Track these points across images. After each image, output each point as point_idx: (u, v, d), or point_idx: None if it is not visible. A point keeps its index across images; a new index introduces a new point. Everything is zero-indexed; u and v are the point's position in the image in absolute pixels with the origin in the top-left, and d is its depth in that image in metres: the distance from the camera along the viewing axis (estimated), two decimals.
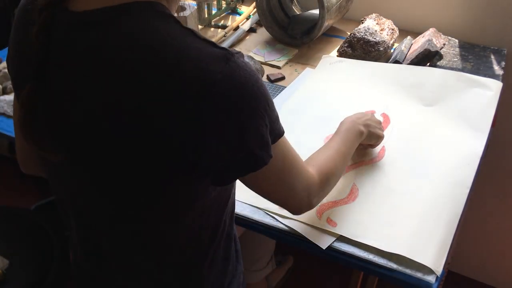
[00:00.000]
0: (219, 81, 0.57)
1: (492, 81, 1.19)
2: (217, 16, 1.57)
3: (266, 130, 0.63)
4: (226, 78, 0.58)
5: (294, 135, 1.08)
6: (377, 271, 0.85)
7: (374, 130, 0.98)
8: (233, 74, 0.58)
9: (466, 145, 1.05)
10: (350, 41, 1.33)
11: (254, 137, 0.62)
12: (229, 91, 0.58)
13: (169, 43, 0.58)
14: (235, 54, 0.60)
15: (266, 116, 0.62)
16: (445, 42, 1.37)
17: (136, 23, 0.59)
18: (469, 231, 1.68)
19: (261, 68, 1.26)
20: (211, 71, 0.57)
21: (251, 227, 0.93)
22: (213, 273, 0.78)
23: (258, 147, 0.62)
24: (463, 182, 0.97)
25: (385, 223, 0.90)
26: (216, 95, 0.57)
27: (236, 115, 0.59)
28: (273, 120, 0.64)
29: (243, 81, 0.59)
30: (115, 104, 0.59)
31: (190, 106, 0.57)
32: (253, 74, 0.61)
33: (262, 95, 0.62)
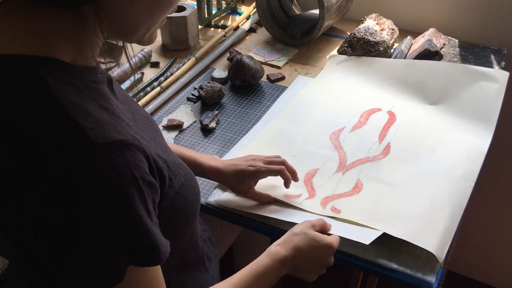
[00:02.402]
0: (57, 177, 0.50)
1: (498, 71, 1.20)
2: (217, 16, 1.56)
3: (115, 246, 0.53)
4: (67, 175, 0.50)
5: (302, 135, 1.09)
6: (377, 271, 0.85)
7: (304, 274, 0.80)
8: (79, 171, 0.50)
9: (472, 141, 1.05)
10: (350, 41, 1.33)
11: (91, 253, 0.53)
12: (66, 191, 0.50)
13: (12, 116, 0.51)
14: (101, 146, 0.51)
15: (125, 231, 0.53)
16: (445, 42, 1.37)
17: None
18: (469, 231, 1.68)
19: (261, 68, 1.26)
20: (53, 162, 0.50)
21: (250, 226, 0.93)
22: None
23: (95, 266, 0.54)
24: (468, 176, 0.97)
25: (389, 210, 0.91)
26: (50, 192, 0.51)
27: (72, 222, 0.51)
28: (138, 240, 0.55)
29: (90, 183, 0.51)
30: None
31: (20, 198, 0.51)
32: (116, 176, 0.52)
33: (122, 205, 0.52)
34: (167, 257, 0.59)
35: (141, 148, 0.56)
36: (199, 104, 1.22)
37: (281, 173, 0.92)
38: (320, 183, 0.98)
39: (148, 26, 0.61)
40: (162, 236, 0.59)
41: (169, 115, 1.17)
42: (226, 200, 0.95)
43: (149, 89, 1.24)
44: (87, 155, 0.51)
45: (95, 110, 0.55)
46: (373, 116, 1.15)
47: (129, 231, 0.54)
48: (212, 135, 1.12)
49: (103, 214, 0.52)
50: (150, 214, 0.57)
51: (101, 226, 0.52)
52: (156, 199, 0.60)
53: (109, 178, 0.51)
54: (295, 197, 0.94)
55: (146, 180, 0.56)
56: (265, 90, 1.26)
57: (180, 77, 1.29)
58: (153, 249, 0.57)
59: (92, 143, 0.51)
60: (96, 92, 0.58)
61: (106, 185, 0.51)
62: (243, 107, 1.21)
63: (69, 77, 0.55)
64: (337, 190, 0.96)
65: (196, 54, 1.36)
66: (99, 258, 0.53)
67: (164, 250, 0.59)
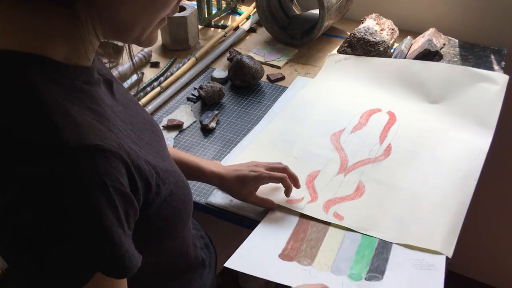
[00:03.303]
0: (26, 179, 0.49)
1: (498, 74, 1.20)
2: (217, 16, 1.56)
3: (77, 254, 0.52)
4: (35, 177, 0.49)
5: (302, 137, 1.09)
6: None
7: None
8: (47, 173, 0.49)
9: (473, 142, 1.05)
10: (350, 41, 1.32)
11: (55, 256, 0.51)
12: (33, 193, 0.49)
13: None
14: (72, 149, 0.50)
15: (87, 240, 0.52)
16: (445, 42, 1.37)
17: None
18: (469, 231, 1.68)
19: (261, 68, 1.26)
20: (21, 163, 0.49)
21: (251, 227, 0.93)
22: None
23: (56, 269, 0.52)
24: (469, 175, 0.97)
25: (392, 216, 0.91)
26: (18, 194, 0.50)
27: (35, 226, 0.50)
28: (100, 249, 0.53)
29: (56, 187, 0.50)
30: None
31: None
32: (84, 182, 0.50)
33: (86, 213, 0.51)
34: (133, 272, 0.56)
35: (119, 156, 0.54)
36: (199, 104, 1.22)
37: (283, 181, 0.92)
38: (321, 185, 0.98)
39: (143, 27, 0.59)
40: (133, 249, 0.57)
41: (169, 115, 1.17)
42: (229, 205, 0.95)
43: (149, 89, 1.24)
44: (56, 158, 0.49)
45: (78, 111, 0.54)
46: (373, 116, 1.15)
47: (92, 239, 0.52)
48: (212, 135, 1.12)
49: (66, 219, 0.50)
50: (122, 225, 0.55)
51: (64, 231, 0.51)
52: (130, 209, 0.57)
53: (76, 183, 0.50)
54: (297, 201, 0.94)
55: (118, 190, 0.54)
56: (265, 90, 1.26)
57: (180, 77, 1.28)
58: (117, 261, 0.54)
59: (63, 145, 0.50)
60: (85, 93, 0.57)
61: (72, 190, 0.50)
62: (243, 107, 1.20)
63: (58, 76, 0.54)
64: (339, 192, 0.96)
65: (196, 54, 1.35)
66: (59, 261, 0.52)
67: (131, 264, 0.56)
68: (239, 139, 1.10)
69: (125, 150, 0.57)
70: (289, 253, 0.85)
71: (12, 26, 0.54)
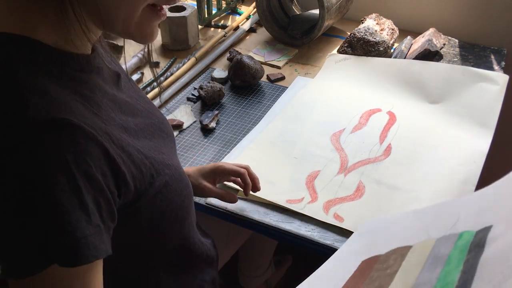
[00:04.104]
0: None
1: (498, 74, 1.20)
2: (217, 16, 1.56)
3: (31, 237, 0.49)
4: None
5: (302, 137, 1.09)
6: None
7: None
8: (5, 146, 0.49)
9: (472, 142, 1.05)
10: (350, 41, 1.33)
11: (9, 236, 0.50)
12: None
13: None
14: (38, 123, 0.49)
15: (40, 221, 0.49)
16: (445, 42, 1.37)
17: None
18: None
19: (261, 68, 1.26)
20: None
21: (251, 227, 0.93)
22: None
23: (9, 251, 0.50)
24: (468, 179, 0.97)
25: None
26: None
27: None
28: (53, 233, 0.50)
29: (19, 161, 0.48)
30: None
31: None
32: (45, 157, 0.49)
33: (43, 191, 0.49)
34: (90, 262, 0.51)
35: (92, 136, 0.52)
36: (199, 104, 1.22)
37: (242, 176, 0.90)
38: (322, 185, 0.98)
39: (126, 14, 0.56)
40: (100, 240, 0.53)
41: (169, 115, 1.17)
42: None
43: (149, 89, 1.24)
44: (18, 131, 0.48)
45: (59, 91, 0.53)
46: (373, 116, 1.15)
47: (43, 218, 0.49)
48: (212, 135, 1.12)
49: (20, 195, 0.48)
50: (86, 208, 0.51)
51: (15, 208, 0.49)
52: (101, 198, 0.54)
53: (34, 157, 0.48)
54: (297, 202, 0.94)
55: (83, 170, 0.51)
56: (265, 90, 1.26)
57: (180, 77, 1.28)
58: (70, 246, 0.50)
59: (28, 118, 0.48)
60: (75, 77, 0.57)
61: (30, 164, 0.48)
62: (243, 107, 1.20)
63: (42, 58, 0.54)
64: (339, 193, 0.96)
65: (196, 54, 1.36)
66: (12, 243, 0.50)
67: (89, 253, 0.51)
68: (239, 139, 1.10)
69: (109, 135, 0.55)
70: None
71: (2, 8, 0.54)
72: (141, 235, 0.67)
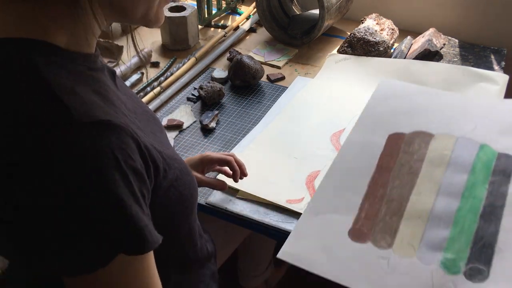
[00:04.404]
0: (38, 156, 0.49)
1: (498, 74, 1.20)
2: (217, 16, 1.56)
3: (91, 232, 0.52)
4: (46, 154, 0.49)
5: (302, 137, 1.09)
6: None
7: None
8: (59, 150, 0.49)
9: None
10: (350, 41, 1.33)
11: (75, 235, 0.51)
12: (49, 168, 0.49)
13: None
14: (84, 124, 0.50)
15: (103, 216, 0.52)
16: (445, 42, 1.37)
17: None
18: None
19: (261, 68, 1.26)
20: (34, 140, 0.49)
21: (251, 227, 0.93)
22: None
23: (78, 249, 0.52)
24: None
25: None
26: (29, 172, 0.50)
27: (49, 205, 0.50)
28: (117, 225, 0.53)
29: (74, 162, 0.50)
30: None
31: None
32: (96, 157, 0.50)
33: (101, 187, 0.51)
34: (154, 247, 0.56)
35: (129, 132, 0.54)
36: (199, 104, 1.22)
37: (230, 164, 0.93)
38: None
39: (148, 3, 0.59)
40: (152, 227, 0.57)
41: (169, 115, 1.17)
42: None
43: (149, 89, 1.24)
44: (69, 134, 0.50)
45: (84, 91, 0.54)
46: None
47: (109, 214, 0.52)
48: (212, 135, 1.12)
49: (82, 195, 0.50)
50: (138, 201, 0.55)
51: (79, 207, 0.51)
52: (144, 189, 0.57)
53: (89, 158, 0.50)
54: (297, 202, 0.94)
55: (130, 165, 0.53)
56: (265, 90, 1.26)
57: (180, 77, 1.29)
58: (137, 236, 0.54)
59: (74, 121, 0.50)
60: (90, 77, 0.58)
61: (86, 165, 0.50)
62: (243, 107, 1.21)
63: (60, 60, 0.55)
64: None
65: (196, 54, 1.36)
66: (78, 240, 0.52)
67: (152, 239, 0.56)
68: (239, 139, 1.10)
69: (134, 130, 0.57)
70: (363, 227, 0.65)
71: (12, 15, 0.55)
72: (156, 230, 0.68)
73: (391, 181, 0.67)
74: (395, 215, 0.63)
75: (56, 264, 0.53)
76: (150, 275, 0.59)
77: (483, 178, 0.60)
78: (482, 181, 0.60)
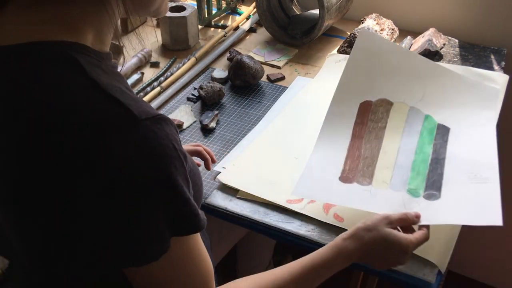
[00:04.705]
0: (107, 154, 0.51)
1: (498, 74, 1.20)
2: (217, 16, 1.57)
3: (162, 218, 0.55)
4: (116, 150, 0.51)
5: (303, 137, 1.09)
6: (377, 271, 0.85)
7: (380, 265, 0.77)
8: (128, 146, 0.52)
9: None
10: (350, 41, 1.33)
11: (143, 224, 0.54)
12: (117, 167, 0.51)
13: (58, 97, 0.52)
14: (143, 121, 0.53)
15: (169, 202, 0.55)
16: (445, 42, 1.37)
17: (29, 68, 0.54)
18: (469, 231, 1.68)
19: (261, 68, 1.26)
20: (101, 139, 0.51)
21: (251, 227, 0.93)
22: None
23: (146, 238, 0.55)
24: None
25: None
26: (100, 169, 0.51)
27: (123, 196, 0.53)
28: (181, 209, 0.57)
29: (140, 157, 0.52)
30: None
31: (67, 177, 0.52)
32: (161, 148, 0.53)
33: (167, 176, 0.54)
34: (205, 224, 0.60)
35: (173, 123, 0.58)
36: (199, 104, 1.22)
37: (200, 153, 0.96)
38: None
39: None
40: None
41: (169, 115, 1.17)
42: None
43: (149, 89, 1.24)
44: (137, 130, 0.52)
45: (121, 88, 0.56)
46: None
47: (173, 200, 0.55)
48: (212, 135, 1.12)
49: (154, 185, 0.53)
50: (188, 183, 0.58)
51: (152, 197, 0.54)
52: (188, 176, 0.60)
53: (156, 151, 0.53)
54: (297, 202, 0.93)
55: (182, 151, 0.58)
56: (265, 90, 1.26)
57: (180, 77, 1.29)
58: (194, 216, 0.58)
59: (137, 119, 0.53)
60: (117, 75, 0.60)
61: (154, 158, 0.53)
62: (243, 107, 1.21)
63: (95, 60, 0.57)
64: None
65: (196, 54, 1.36)
66: (149, 229, 0.55)
67: (202, 217, 0.60)
68: (239, 139, 1.10)
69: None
70: (348, 174, 0.88)
71: (47, 16, 0.56)
72: None
73: (364, 146, 0.92)
74: (370, 167, 0.88)
75: (126, 255, 0.55)
76: (203, 250, 0.62)
77: (428, 141, 0.89)
78: (428, 143, 0.89)
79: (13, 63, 0.54)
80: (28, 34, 0.55)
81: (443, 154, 0.87)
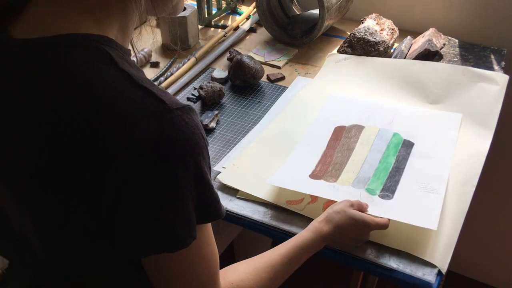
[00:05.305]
0: (145, 141, 0.53)
1: (498, 74, 1.20)
2: (217, 16, 1.56)
3: (192, 205, 0.57)
4: (153, 138, 0.53)
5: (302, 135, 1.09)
6: (377, 271, 0.85)
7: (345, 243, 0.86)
8: (163, 134, 0.53)
9: (472, 143, 1.05)
10: (350, 41, 1.33)
11: (176, 211, 0.56)
12: (154, 154, 0.53)
13: (96, 88, 0.54)
14: (175, 110, 0.55)
15: (198, 189, 0.57)
16: (445, 42, 1.37)
17: (64, 60, 0.55)
18: (469, 231, 1.68)
19: (261, 68, 1.26)
20: (139, 128, 0.53)
21: (251, 227, 0.93)
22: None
23: (179, 224, 0.57)
24: (468, 180, 0.97)
25: (391, 221, 0.90)
26: (138, 156, 0.53)
27: (159, 182, 0.54)
28: (207, 197, 0.59)
29: (174, 145, 0.54)
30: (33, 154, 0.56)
31: (106, 164, 0.53)
32: (192, 137, 0.55)
33: (197, 164, 0.56)
34: (225, 212, 0.63)
35: (196, 113, 0.59)
36: (199, 104, 1.22)
37: None
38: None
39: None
40: None
41: None
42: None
43: None
44: (170, 119, 0.54)
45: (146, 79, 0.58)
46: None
47: (200, 187, 0.57)
48: (212, 135, 1.12)
49: (185, 174, 0.55)
50: (210, 171, 0.61)
51: (183, 183, 0.55)
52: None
53: (187, 139, 0.55)
54: (297, 203, 0.94)
55: (207, 141, 0.60)
56: (265, 90, 1.26)
57: (180, 77, 1.29)
58: (217, 203, 0.61)
59: (170, 108, 0.54)
60: (140, 70, 0.61)
61: (186, 146, 0.55)
62: (243, 107, 1.21)
63: (122, 54, 0.59)
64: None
65: (196, 54, 1.36)
66: (182, 214, 0.56)
67: (223, 207, 0.63)
68: (239, 139, 1.10)
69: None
70: (318, 173, 0.98)
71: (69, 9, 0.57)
72: None
73: (335, 154, 1.03)
74: (338, 170, 0.99)
75: (158, 242, 0.56)
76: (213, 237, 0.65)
77: (393, 153, 1.01)
78: (392, 155, 1.01)
79: (45, 56, 0.55)
80: (56, 26, 0.56)
81: (403, 165, 0.98)
